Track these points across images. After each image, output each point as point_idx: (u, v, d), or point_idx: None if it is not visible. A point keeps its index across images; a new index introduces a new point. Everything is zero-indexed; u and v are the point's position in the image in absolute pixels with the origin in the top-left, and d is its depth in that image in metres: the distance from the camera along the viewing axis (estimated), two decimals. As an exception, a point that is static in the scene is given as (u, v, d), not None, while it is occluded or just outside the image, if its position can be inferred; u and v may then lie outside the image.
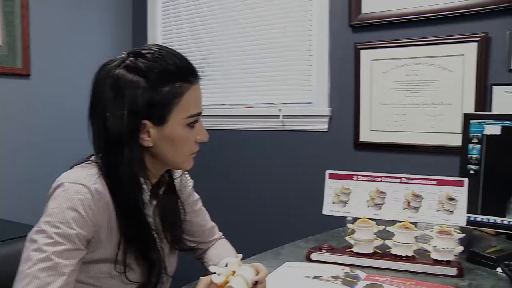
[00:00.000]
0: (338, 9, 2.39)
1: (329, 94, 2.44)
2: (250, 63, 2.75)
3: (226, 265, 1.09)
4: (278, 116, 2.59)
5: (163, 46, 1.14)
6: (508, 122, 1.50)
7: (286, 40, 2.60)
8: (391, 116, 2.25)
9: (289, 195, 2.59)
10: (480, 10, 2.01)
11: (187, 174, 1.38)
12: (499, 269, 1.37)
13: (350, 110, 2.37)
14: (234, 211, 2.77)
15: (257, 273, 1.12)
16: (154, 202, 1.19)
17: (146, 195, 1.14)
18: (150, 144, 1.09)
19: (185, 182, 1.35)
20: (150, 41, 3.10)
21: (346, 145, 2.39)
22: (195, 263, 1.46)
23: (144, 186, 1.12)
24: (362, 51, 2.31)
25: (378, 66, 2.27)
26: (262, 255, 1.54)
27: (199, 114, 1.15)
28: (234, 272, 1.08)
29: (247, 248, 1.53)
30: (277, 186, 2.63)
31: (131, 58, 1.09)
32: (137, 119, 1.06)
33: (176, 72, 1.09)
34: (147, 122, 1.07)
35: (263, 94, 2.70)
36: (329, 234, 1.80)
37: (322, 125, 2.46)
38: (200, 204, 1.42)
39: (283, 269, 1.40)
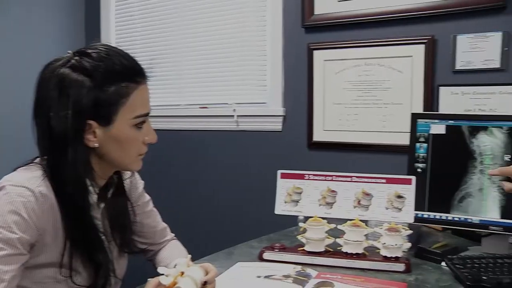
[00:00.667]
0: (291, 10, 2.41)
1: (283, 94, 2.46)
2: (205, 63, 2.73)
3: (175, 266, 1.08)
4: (233, 116, 2.59)
5: (110, 45, 1.12)
6: (452, 121, 1.55)
7: (240, 40, 2.61)
8: (343, 116, 2.29)
9: (243, 195, 2.59)
10: (427, 13, 2.07)
11: (137, 175, 1.37)
12: (443, 264, 1.41)
13: (303, 110, 2.39)
14: (188, 211, 2.75)
15: (207, 273, 1.12)
16: (103, 205, 1.17)
17: (94, 197, 1.12)
18: (96, 144, 1.08)
19: (135, 184, 1.34)
20: (104, 41, 3.03)
21: (300, 144, 2.41)
22: (147, 265, 1.44)
23: (91, 188, 1.10)
24: (315, 52, 2.33)
25: (331, 66, 2.30)
26: (214, 255, 1.54)
27: (146, 115, 1.14)
28: (183, 273, 1.07)
29: (201, 248, 1.53)
30: (231, 187, 2.63)
31: (76, 58, 1.07)
32: (81, 119, 1.04)
33: (122, 72, 1.07)
34: (92, 122, 1.05)
35: (218, 94, 2.70)
36: (282, 233, 1.81)
37: (276, 125, 2.48)
38: (151, 205, 1.41)
39: (235, 269, 1.40)
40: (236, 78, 2.64)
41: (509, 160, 1.48)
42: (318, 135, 2.36)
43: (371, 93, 2.21)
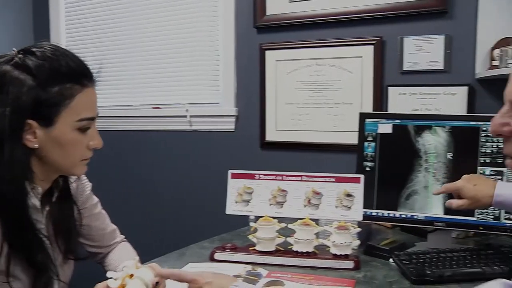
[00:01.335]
0: (243, 10, 2.41)
1: (235, 94, 2.47)
2: (157, 63, 2.71)
3: (123, 269, 1.07)
4: (186, 116, 2.58)
5: (58, 46, 1.10)
6: (398, 120, 1.59)
7: (192, 40, 2.59)
8: (295, 116, 2.31)
9: (196, 196, 2.58)
10: (375, 15, 2.12)
11: (84, 177, 1.34)
12: (391, 260, 1.44)
13: (256, 110, 2.40)
14: (140, 212, 2.72)
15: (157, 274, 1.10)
16: (47, 208, 1.14)
17: (36, 201, 1.09)
18: (36, 145, 1.05)
19: (82, 186, 1.31)
20: (53, 41, 2.95)
21: (253, 144, 2.42)
22: (97, 268, 1.42)
23: (33, 191, 1.07)
24: (267, 52, 2.35)
25: (283, 66, 2.32)
26: (165, 256, 1.53)
27: (92, 119, 1.11)
28: (132, 275, 1.06)
29: (152, 250, 1.52)
30: (184, 187, 2.62)
31: (20, 55, 1.04)
32: (20, 117, 1.01)
33: (68, 73, 1.05)
34: (32, 122, 1.02)
35: (171, 95, 2.68)
36: (235, 233, 1.81)
37: (229, 125, 2.48)
38: (99, 207, 1.39)
39: (185, 270, 1.39)
40: (189, 79, 2.63)
41: (451, 158, 1.53)
42: (271, 135, 2.37)
43: (322, 93, 2.25)
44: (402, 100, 2.08)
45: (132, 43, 2.76)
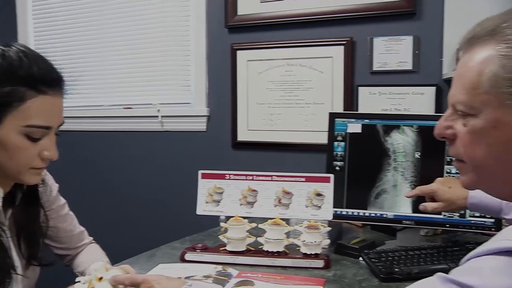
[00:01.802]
0: (215, 10, 2.41)
1: (207, 94, 2.46)
2: (128, 63, 2.68)
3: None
4: (157, 116, 2.56)
5: (29, 49, 1.06)
6: (367, 120, 1.61)
7: (164, 40, 2.58)
8: (267, 116, 2.32)
9: (167, 196, 2.57)
10: (346, 16, 2.14)
11: (50, 178, 1.31)
12: (361, 258, 1.46)
13: (227, 110, 2.40)
14: (110, 214, 2.70)
15: None
16: (10, 211, 1.12)
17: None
18: None
19: (48, 188, 1.29)
20: (21, 40, 2.90)
21: (224, 144, 2.42)
22: (66, 271, 1.40)
23: None
24: (238, 52, 2.35)
25: (254, 66, 2.32)
26: (135, 258, 1.52)
27: (46, 128, 1.05)
28: (101, 278, 1.05)
29: (122, 251, 1.50)
30: (156, 188, 2.60)
31: None
32: None
33: (25, 77, 1.01)
34: None
35: (142, 95, 2.66)
36: (206, 233, 1.81)
37: (200, 125, 2.47)
38: (66, 208, 1.36)
39: (155, 271, 1.38)
40: (161, 79, 2.61)
41: (419, 157, 1.56)
42: (242, 135, 2.37)
43: (294, 93, 2.26)
44: (372, 100, 2.11)
45: (103, 42, 2.72)
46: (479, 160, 0.79)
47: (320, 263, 1.42)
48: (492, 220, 1.48)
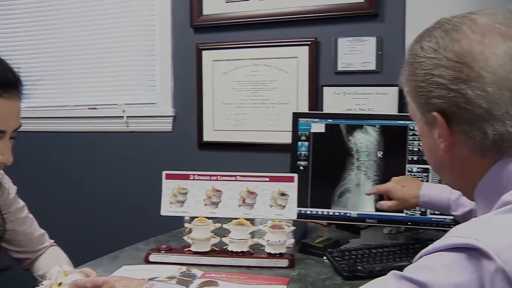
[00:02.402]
0: (180, 10, 2.39)
1: (172, 95, 2.44)
2: (93, 63, 2.64)
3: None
4: (122, 117, 2.53)
5: None
6: (330, 120, 1.62)
7: (129, 40, 2.55)
8: (232, 116, 2.31)
9: (133, 198, 2.54)
10: (310, 16, 2.15)
11: (8, 180, 1.28)
12: (325, 257, 1.47)
13: (193, 110, 2.39)
14: (75, 215, 2.65)
15: None
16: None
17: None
18: None
19: (6, 190, 1.26)
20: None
21: (190, 145, 2.41)
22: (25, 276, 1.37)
23: None
24: (203, 52, 2.34)
25: (219, 66, 2.32)
26: (99, 260, 1.50)
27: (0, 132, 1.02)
28: (60, 283, 1.03)
29: (86, 253, 1.48)
30: (120, 189, 2.57)
31: None
32: None
33: None
34: None
35: (107, 95, 2.62)
36: (171, 234, 1.79)
37: (166, 125, 2.45)
38: (25, 211, 1.34)
39: (119, 273, 1.36)
40: (126, 79, 2.58)
41: (381, 156, 1.58)
42: (208, 135, 2.37)
43: (259, 93, 2.26)
44: (337, 100, 2.13)
45: (67, 41, 2.67)
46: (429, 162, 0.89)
47: (284, 262, 1.43)
48: (451, 217, 1.51)
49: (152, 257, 1.47)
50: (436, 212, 1.54)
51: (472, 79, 0.72)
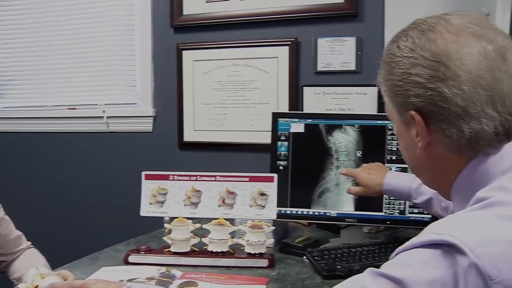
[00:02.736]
0: (160, 10, 2.38)
1: (153, 95, 2.43)
2: (73, 62, 2.61)
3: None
4: (102, 117, 2.51)
5: None
6: (310, 120, 1.63)
7: (109, 39, 2.53)
8: (213, 116, 2.31)
9: (113, 198, 2.52)
10: (290, 16, 2.16)
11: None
12: (305, 257, 1.48)
13: (173, 111, 2.38)
14: (55, 216, 2.62)
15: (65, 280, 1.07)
16: None
17: None
18: None
19: (-18, 191, 1.24)
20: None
21: (171, 145, 2.40)
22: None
23: None
24: (184, 52, 2.33)
25: (200, 66, 2.31)
26: (78, 261, 1.49)
27: None
28: (37, 286, 1.02)
29: (65, 255, 1.47)
30: (100, 190, 2.55)
31: None
32: None
33: None
34: None
35: (87, 95, 2.59)
36: (151, 235, 1.79)
37: (146, 126, 2.44)
38: (1, 213, 1.32)
39: (97, 274, 1.35)
40: (106, 79, 2.56)
41: (360, 156, 1.59)
42: (189, 135, 2.36)
43: (239, 93, 2.26)
44: (317, 100, 2.13)
45: (46, 41, 2.64)
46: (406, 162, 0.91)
47: (264, 262, 1.43)
48: (429, 216, 1.52)
49: (131, 258, 1.46)
50: (415, 211, 1.56)
51: (449, 78, 0.73)
